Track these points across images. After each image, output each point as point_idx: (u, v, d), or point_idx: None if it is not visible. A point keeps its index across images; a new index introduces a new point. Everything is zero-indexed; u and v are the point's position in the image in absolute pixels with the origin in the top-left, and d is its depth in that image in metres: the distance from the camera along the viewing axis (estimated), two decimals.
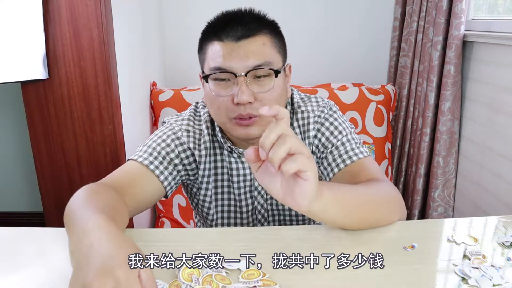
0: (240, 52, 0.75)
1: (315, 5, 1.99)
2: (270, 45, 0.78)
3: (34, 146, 1.34)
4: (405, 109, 1.93)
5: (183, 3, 2.00)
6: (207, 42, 0.79)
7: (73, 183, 1.38)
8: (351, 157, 0.83)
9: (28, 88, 1.28)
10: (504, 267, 0.60)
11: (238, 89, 0.75)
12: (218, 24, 0.79)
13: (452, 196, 1.74)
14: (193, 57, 2.28)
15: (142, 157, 0.81)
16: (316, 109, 0.89)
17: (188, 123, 0.88)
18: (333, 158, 0.85)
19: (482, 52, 1.54)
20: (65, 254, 0.65)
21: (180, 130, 0.87)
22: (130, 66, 1.50)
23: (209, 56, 0.78)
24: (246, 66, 0.75)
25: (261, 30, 0.77)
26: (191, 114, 0.91)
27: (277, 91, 0.78)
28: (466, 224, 0.74)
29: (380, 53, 2.11)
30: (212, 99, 0.80)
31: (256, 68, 0.75)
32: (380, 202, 0.73)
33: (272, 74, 0.77)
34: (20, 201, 2.18)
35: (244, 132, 0.78)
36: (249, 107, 0.76)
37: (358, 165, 0.83)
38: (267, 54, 0.77)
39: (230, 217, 0.93)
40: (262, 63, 0.76)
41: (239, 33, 0.75)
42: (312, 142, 0.88)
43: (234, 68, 0.75)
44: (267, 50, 0.77)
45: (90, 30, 1.24)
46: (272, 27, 0.80)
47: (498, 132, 1.46)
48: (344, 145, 0.85)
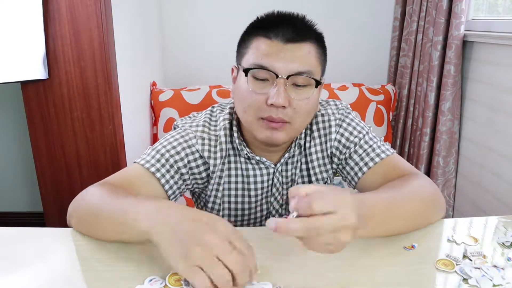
0: (287, 54, 0.73)
1: (315, 5, 1.99)
2: (314, 55, 0.76)
3: (34, 146, 1.34)
4: (405, 109, 1.93)
5: (183, 3, 2.00)
6: (252, 37, 0.77)
7: (73, 183, 1.38)
8: (379, 154, 0.82)
9: (28, 88, 1.28)
10: (504, 267, 0.60)
11: (275, 90, 0.73)
12: (268, 21, 0.77)
13: (452, 196, 1.74)
14: (193, 57, 2.28)
15: (149, 162, 0.78)
16: (336, 112, 0.88)
17: (203, 130, 0.84)
18: (360, 157, 0.83)
19: (482, 52, 1.54)
20: (65, 254, 0.65)
21: (195, 137, 0.83)
22: (130, 66, 1.50)
23: (253, 51, 0.76)
24: (289, 70, 0.73)
25: (310, 38, 0.76)
26: (207, 119, 0.87)
27: (312, 102, 0.77)
28: (466, 224, 0.74)
29: (380, 53, 2.11)
30: (244, 95, 0.77)
31: (299, 74, 0.73)
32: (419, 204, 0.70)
33: (312, 84, 0.75)
34: (20, 201, 2.17)
35: (270, 135, 0.76)
36: (282, 111, 0.74)
37: (387, 164, 0.81)
38: (310, 63, 0.75)
39: (243, 224, 0.91)
40: (305, 70, 0.74)
41: (289, 35, 0.74)
42: (333, 144, 0.87)
43: (277, 68, 0.73)
44: (311, 59, 0.75)
45: (90, 30, 1.24)
46: (319, 38, 0.79)
47: (498, 132, 1.46)
48: (368, 143, 0.84)
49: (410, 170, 0.80)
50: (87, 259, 0.64)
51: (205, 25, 2.02)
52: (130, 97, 1.49)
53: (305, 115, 0.77)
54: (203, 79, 1.99)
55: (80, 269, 0.61)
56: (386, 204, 0.64)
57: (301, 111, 0.76)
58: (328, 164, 0.89)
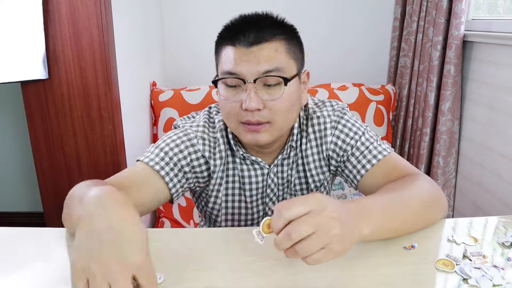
0: (250, 58, 0.73)
1: (315, 6, 1.99)
2: (283, 52, 0.76)
3: (34, 146, 1.34)
4: (405, 109, 1.93)
5: (183, 4, 2.00)
6: (221, 46, 0.78)
7: (73, 183, 1.36)
8: (376, 156, 0.82)
9: (28, 88, 1.28)
10: (504, 267, 0.60)
11: (246, 95, 0.73)
12: (232, 28, 0.77)
13: (452, 196, 1.74)
14: (193, 57, 2.28)
15: (153, 160, 0.79)
16: (332, 114, 0.87)
17: (204, 130, 0.85)
18: (358, 160, 0.83)
19: (482, 52, 1.54)
20: (65, 254, 0.65)
21: (195, 137, 0.84)
22: (130, 66, 1.50)
23: (222, 60, 0.77)
24: (255, 72, 0.73)
25: (276, 36, 0.75)
26: (206, 120, 0.88)
27: (287, 100, 0.76)
28: (466, 224, 0.74)
29: (380, 53, 2.10)
30: (222, 104, 0.78)
31: (266, 75, 0.73)
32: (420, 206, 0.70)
33: (282, 82, 0.75)
34: (20, 201, 2.17)
35: (252, 138, 0.77)
36: (258, 114, 0.74)
37: (386, 164, 0.81)
38: (278, 60, 0.75)
39: (241, 224, 0.92)
40: (272, 69, 0.74)
41: (251, 39, 0.74)
42: (329, 147, 0.86)
43: (244, 74, 0.74)
44: (279, 56, 0.75)
45: (90, 30, 1.24)
46: (289, 33, 0.78)
47: (498, 132, 1.46)
48: (364, 145, 0.83)
49: (410, 169, 0.80)
50: None
51: (205, 25, 2.02)
52: (130, 97, 1.49)
53: (283, 113, 0.77)
54: (203, 79, 1.98)
55: None
56: (386, 206, 0.64)
57: (278, 110, 0.75)
58: (324, 167, 0.89)
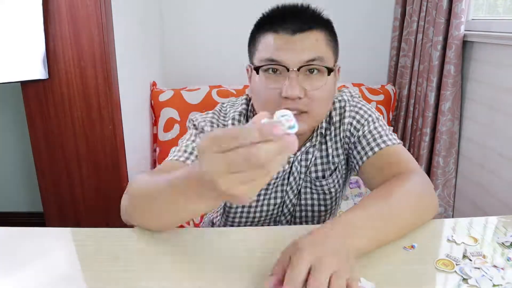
0: (295, 46, 0.73)
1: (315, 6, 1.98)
2: (324, 42, 0.76)
3: (34, 146, 1.34)
4: (405, 109, 1.93)
5: (183, 4, 2.00)
6: (260, 34, 0.78)
7: (73, 183, 1.38)
8: (385, 141, 0.82)
9: (28, 88, 1.28)
10: (504, 267, 0.60)
11: (288, 83, 0.73)
12: (273, 16, 0.77)
13: (452, 196, 1.74)
14: (193, 57, 2.28)
15: (176, 155, 0.80)
16: (351, 99, 0.89)
17: (213, 116, 0.87)
18: (362, 147, 0.83)
19: (482, 52, 1.54)
20: (65, 254, 0.65)
21: (204, 121, 0.85)
22: (130, 66, 1.50)
23: (262, 48, 0.77)
24: (299, 61, 0.73)
25: (317, 26, 0.76)
26: (216, 111, 0.89)
27: (327, 90, 0.77)
28: (466, 224, 0.74)
29: (380, 53, 2.10)
30: (260, 92, 0.78)
31: (309, 64, 0.74)
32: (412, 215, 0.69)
33: (324, 71, 0.75)
34: (20, 201, 2.17)
35: None
36: (298, 102, 0.74)
37: (385, 156, 0.81)
38: (321, 50, 0.75)
39: (257, 211, 0.91)
40: (315, 58, 0.74)
41: (295, 26, 0.74)
42: (346, 128, 0.87)
43: (287, 61, 0.73)
44: (321, 46, 0.76)
45: (90, 30, 1.24)
46: (327, 25, 0.79)
47: (498, 132, 1.46)
48: (376, 129, 0.84)
49: (407, 166, 0.78)
50: (87, 259, 0.63)
51: (205, 25, 2.02)
52: (130, 97, 1.49)
53: (322, 103, 0.77)
54: (203, 79, 1.99)
55: (80, 269, 0.61)
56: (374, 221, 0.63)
57: (317, 100, 0.76)
58: (340, 148, 0.89)
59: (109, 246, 0.66)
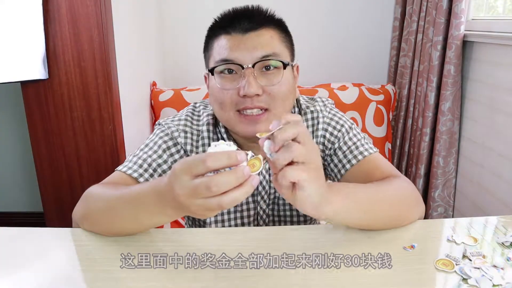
0: (248, 44, 0.73)
1: (315, 6, 1.99)
2: (278, 39, 0.76)
3: (34, 146, 1.34)
4: (405, 109, 1.93)
5: (182, 4, 2.00)
6: (213, 38, 0.78)
7: (73, 183, 1.38)
8: (362, 152, 0.81)
9: (28, 88, 1.28)
10: (504, 267, 0.60)
11: (245, 81, 0.72)
12: (225, 19, 0.77)
13: (452, 196, 1.74)
14: (193, 57, 2.28)
15: (131, 168, 0.77)
16: (324, 109, 0.88)
17: (186, 124, 0.85)
18: (344, 154, 0.83)
19: (482, 52, 1.54)
20: (65, 254, 0.65)
21: (177, 130, 0.83)
22: (130, 66, 1.50)
23: (215, 51, 0.76)
24: (253, 58, 0.73)
25: (269, 24, 0.76)
26: (189, 114, 0.87)
27: (285, 85, 0.76)
28: (466, 224, 0.74)
29: (380, 53, 2.11)
30: (217, 94, 0.76)
31: (264, 59, 0.73)
32: (395, 200, 0.71)
33: (280, 66, 0.75)
34: (20, 201, 2.17)
35: (251, 129, 0.74)
36: (257, 99, 0.73)
37: (370, 162, 0.81)
38: (274, 46, 0.75)
39: (231, 224, 0.89)
40: (270, 54, 0.73)
41: (246, 25, 0.74)
42: (320, 141, 0.87)
43: (241, 59, 0.73)
44: (275, 43, 0.75)
45: (90, 30, 1.24)
46: (280, 24, 0.79)
47: (498, 132, 1.46)
48: (351, 140, 0.84)
49: (391, 172, 0.79)
50: (87, 259, 0.64)
51: (205, 25, 2.01)
52: (130, 97, 1.49)
53: (282, 100, 0.76)
54: (203, 79, 1.99)
55: (80, 269, 0.61)
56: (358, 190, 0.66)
57: (276, 96, 0.75)
58: None
59: (108, 246, 0.66)
